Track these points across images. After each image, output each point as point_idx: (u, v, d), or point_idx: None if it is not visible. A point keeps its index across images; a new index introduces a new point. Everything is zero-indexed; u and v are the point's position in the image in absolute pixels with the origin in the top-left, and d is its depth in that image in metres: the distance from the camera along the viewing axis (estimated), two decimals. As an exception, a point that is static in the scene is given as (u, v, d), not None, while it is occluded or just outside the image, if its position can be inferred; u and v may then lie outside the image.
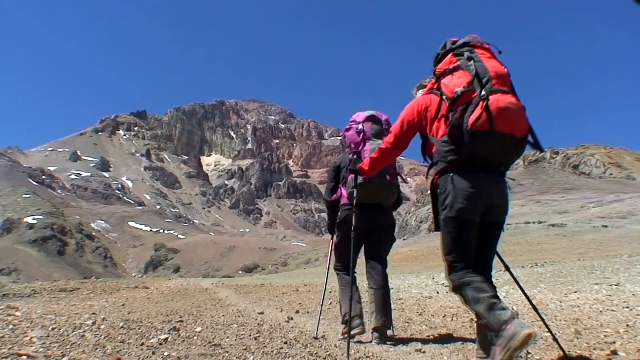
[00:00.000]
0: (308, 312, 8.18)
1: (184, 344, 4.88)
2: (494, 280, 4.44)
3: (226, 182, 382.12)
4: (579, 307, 7.18)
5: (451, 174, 4.05)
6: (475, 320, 4.19)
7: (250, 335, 5.79)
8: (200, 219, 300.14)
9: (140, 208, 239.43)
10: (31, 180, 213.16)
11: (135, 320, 6.95)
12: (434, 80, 4.50)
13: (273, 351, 4.76)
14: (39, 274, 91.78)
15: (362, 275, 6.07)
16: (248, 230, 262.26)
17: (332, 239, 6.59)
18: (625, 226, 33.01)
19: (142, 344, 4.70)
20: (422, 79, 5.25)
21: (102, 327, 5.75)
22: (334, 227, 6.49)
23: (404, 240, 53.26)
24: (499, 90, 3.88)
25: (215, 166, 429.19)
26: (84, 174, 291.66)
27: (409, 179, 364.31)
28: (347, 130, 6.25)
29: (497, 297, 3.82)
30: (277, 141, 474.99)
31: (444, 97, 4.21)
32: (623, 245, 23.97)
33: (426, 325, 6.79)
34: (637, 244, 24.29)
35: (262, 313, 9.45)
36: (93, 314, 8.67)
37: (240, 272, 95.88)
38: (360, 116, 6.21)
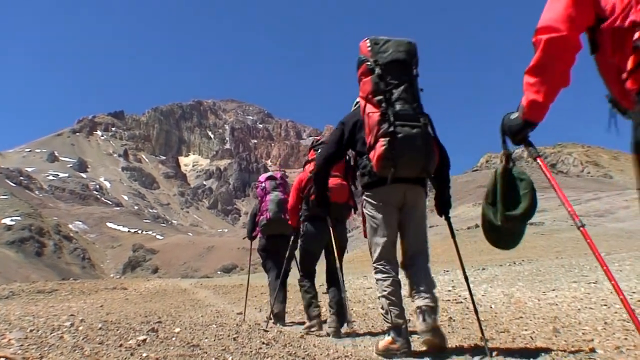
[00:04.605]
0: (287, 312, 8.22)
1: (162, 345, 4.84)
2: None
3: (204, 182, 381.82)
4: (557, 305, 7.23)
5: (305, 223, 6.81)
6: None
7: (229, 336, 5.76)
8: (179, 219, 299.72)
9: (118, 209, 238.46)
10: (8, 181, 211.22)
11: (114, 321, 6.89)
12: None
13: (252, 351, 4.74)
14: (17, 275, 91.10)
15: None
16: (226, 230, 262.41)
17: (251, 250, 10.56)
18: (603, 224, 33.36)
19: (121, 345, 4.66)
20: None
21: (80, 328, 5.69)
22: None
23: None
24: (331, 176, 5.92)
25: (193, 166, 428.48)
26: (61, 175, 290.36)
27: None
28: (256, 187, 9.31)
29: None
30: (255, 141, 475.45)
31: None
32: (601, 243, 24.17)
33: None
34: (615, 242, 24.54)
35: (240, 313, 9.46)
36: (71, 315, 8.61)
37: (219, 272, 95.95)
38: (263, 177, 9.14)
